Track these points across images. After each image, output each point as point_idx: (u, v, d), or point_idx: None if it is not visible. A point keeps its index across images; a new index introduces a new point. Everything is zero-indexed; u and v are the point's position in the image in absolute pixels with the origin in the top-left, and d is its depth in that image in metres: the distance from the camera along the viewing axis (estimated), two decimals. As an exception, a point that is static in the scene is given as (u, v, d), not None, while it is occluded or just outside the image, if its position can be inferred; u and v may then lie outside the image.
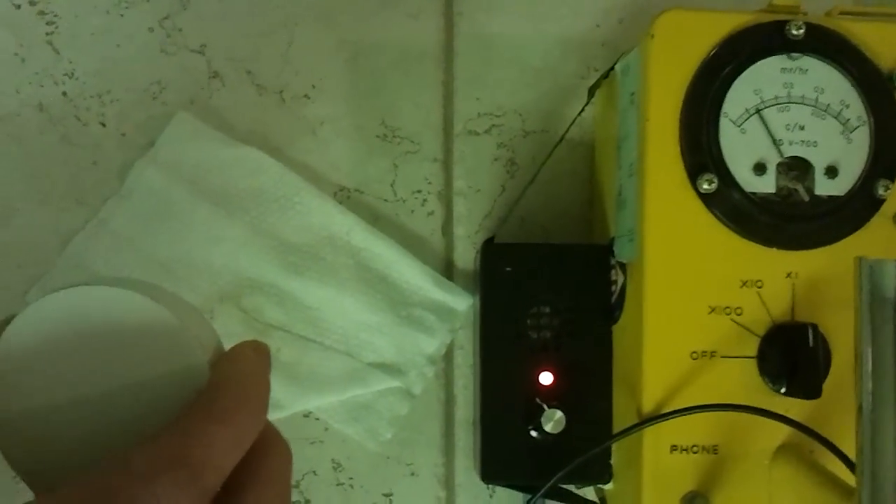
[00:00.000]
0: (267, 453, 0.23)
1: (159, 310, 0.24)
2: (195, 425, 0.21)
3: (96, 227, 0.44)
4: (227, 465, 0.22)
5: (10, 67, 0.45)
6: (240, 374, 0.24)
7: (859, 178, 0.38)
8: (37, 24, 0.45)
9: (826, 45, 0.38)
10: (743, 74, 0.38)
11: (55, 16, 0.45)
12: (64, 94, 0.45)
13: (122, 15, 0.46)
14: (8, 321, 0.24)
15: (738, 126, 0.38)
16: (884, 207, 0.38)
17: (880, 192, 0.38)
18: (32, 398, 0.23)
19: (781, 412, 0.36)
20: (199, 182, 0.44)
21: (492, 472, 0.41)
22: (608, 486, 0.41)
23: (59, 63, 0.45)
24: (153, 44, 0.46)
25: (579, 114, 0.46)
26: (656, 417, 0.36)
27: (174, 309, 0.24)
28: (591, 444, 0.38)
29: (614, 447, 0.40)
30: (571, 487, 0.43)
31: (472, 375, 0.46)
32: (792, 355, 0.36)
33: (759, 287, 0.37)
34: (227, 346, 0.27)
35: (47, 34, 0.45)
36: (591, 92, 0.46)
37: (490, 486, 0.46)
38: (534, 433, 0.40)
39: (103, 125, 0.45)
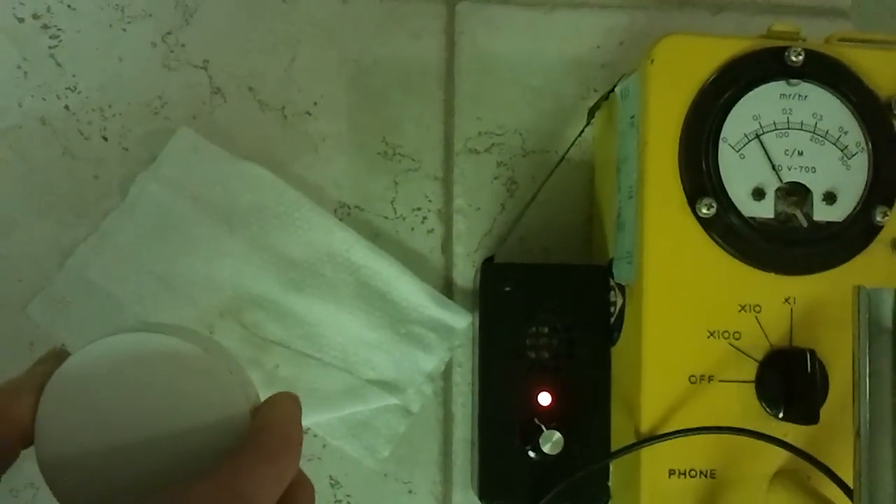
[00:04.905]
0: (298, 490, 0.26)
1: (212, 362, 0.26)
2: (247, 464, 0.23)
3: (98, 241, 0.44)
4: (272, 501, 0.24)
5: (12, 80, 0.45)
6: (282, 419, 0.26)
7: (857, 205, 0.38)
8: (40, 37, 0.45)
9: (825, 71, 0.39)
10: (742, 100, 0.38)
11: (58, 30, 0.45)
12: (66, 107, 0.45)
13: (124, 30, 0.46)
14: (60, 353, 0.26)
15: (737, 151, 0.38)
16: (882, 234, 0.38)
17: (878, 218, 0.38)
18: (84, 437, 0.25)
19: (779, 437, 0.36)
20: (200, 197, 0.44)
21: (489, 492, 0.41)
22: (605, 508, 0.41)
23: (61, 77, 0.45)
24: (156, 59, 0.46)
25: (579, 134, 0.46)
26: (653, 438, 0.37)
27: (223, 360, 0.26)
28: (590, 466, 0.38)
29: (612, 471, 0.40)
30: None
31: (470, 394, 0.46)
32: (790, 380, 0.36)
33: (758, 312, 0.38)
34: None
35: (50, 48, 0.45)
36: (591, 113, 0.46)
37: (487, 505, 0.46)
38: (532, 454, 0.40)
39: (105, 139, 0.45)
